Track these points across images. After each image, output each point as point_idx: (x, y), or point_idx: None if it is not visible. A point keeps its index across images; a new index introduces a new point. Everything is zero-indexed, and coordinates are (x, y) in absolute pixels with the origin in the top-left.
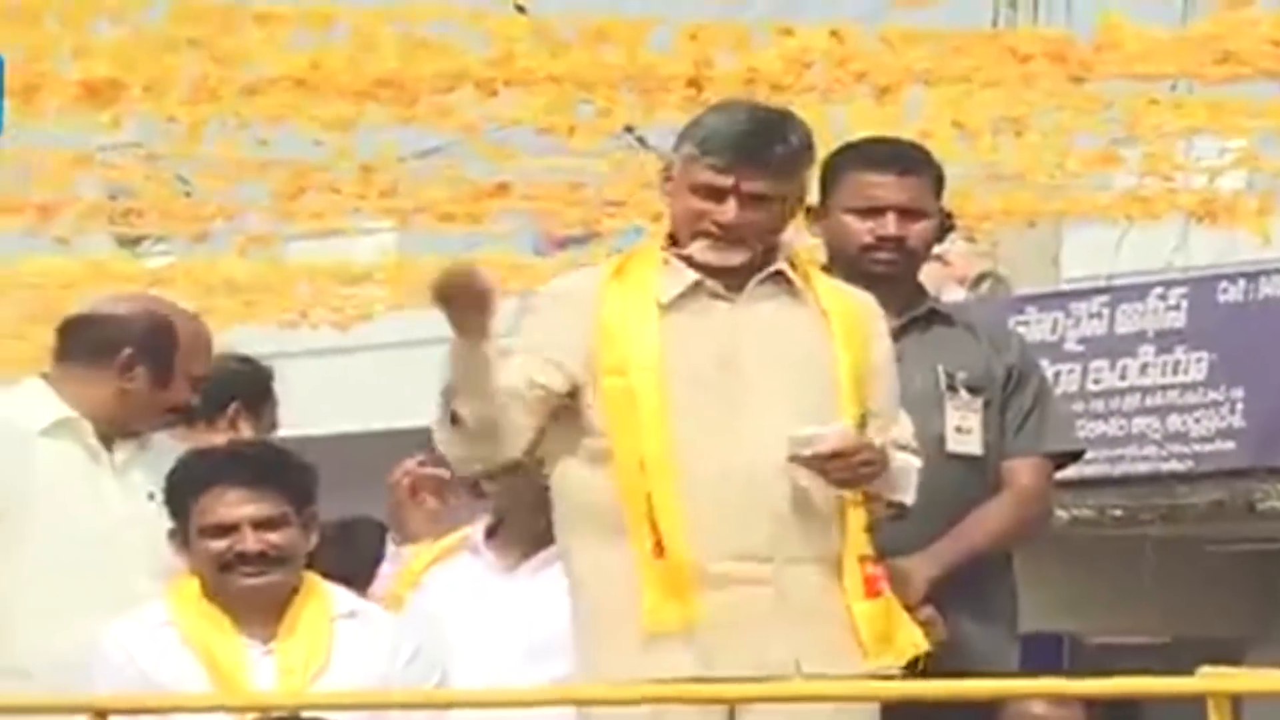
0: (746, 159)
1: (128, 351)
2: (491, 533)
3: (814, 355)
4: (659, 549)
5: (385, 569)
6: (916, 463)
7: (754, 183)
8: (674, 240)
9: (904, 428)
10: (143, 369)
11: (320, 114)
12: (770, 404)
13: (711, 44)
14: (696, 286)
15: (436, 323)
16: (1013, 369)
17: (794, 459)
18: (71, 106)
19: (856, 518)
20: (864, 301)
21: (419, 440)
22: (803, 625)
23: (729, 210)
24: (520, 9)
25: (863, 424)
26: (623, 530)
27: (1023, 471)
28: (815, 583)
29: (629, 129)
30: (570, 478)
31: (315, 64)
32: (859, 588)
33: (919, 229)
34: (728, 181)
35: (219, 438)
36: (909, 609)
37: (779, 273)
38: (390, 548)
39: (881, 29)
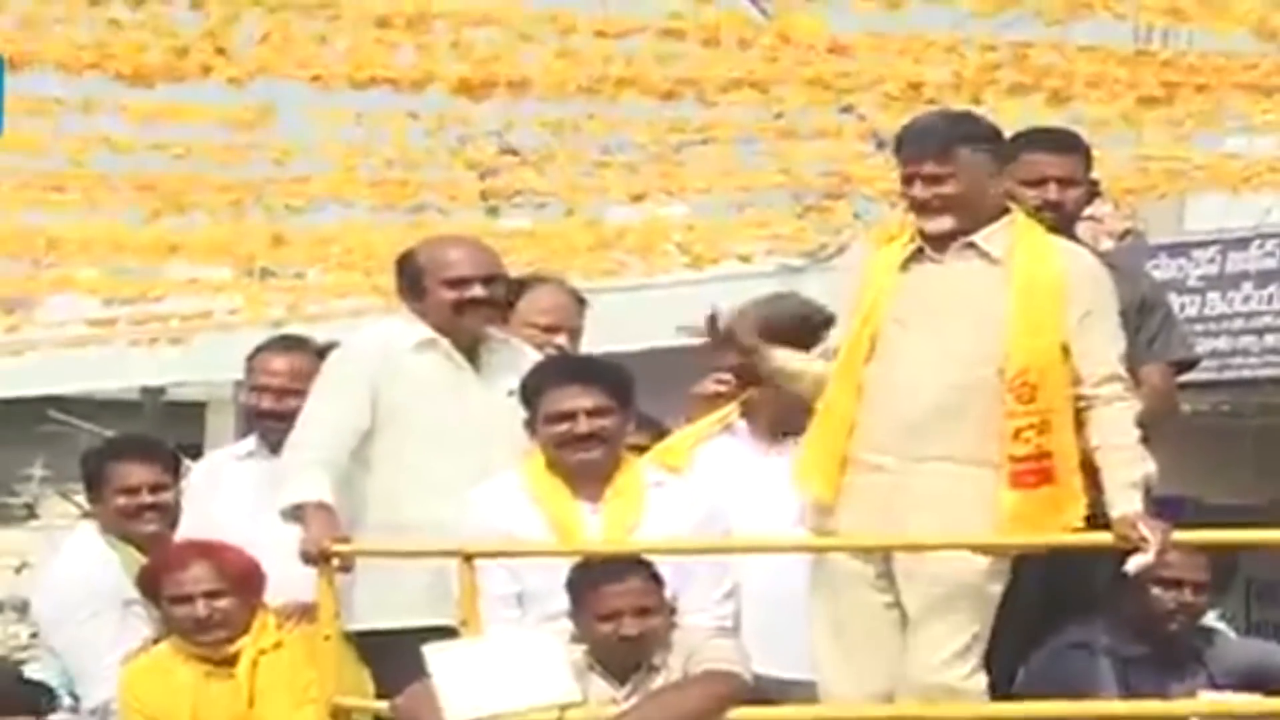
0: (911, 150)
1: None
2: (745, 415)
3: (990, 305)
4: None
5: None
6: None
7: (919, 166)
8: None
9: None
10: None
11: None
12: (928, 345)
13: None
14: (919, 252)
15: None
16: (1145, 298)
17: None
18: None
19: (1006, 429)
20: (1073, 270)
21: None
22: (933, 508)
23: (915, 189)
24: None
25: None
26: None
27: (1154, 374)
28: (951, 473)
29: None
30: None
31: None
32: (1004, 480)
33: (1073, 195)
34: (908, 170)
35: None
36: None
37: (973, 241)
38: None
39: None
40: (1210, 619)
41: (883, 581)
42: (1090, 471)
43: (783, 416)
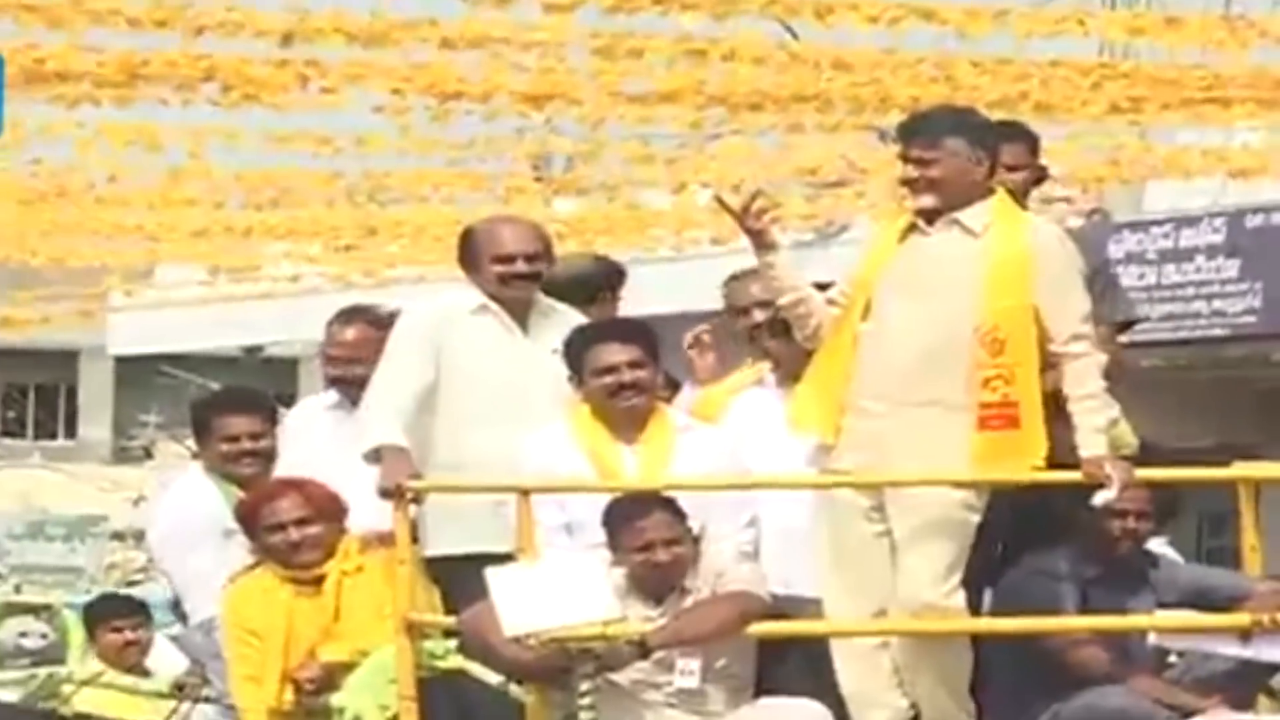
0: (905, 136)
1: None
2: (774, 368)
3: (970, 270)
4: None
5: (683, 398)
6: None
7: (909, 150)
8: None
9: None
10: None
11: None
12: (916, 306)
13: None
14: (912, 228)
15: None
16: (1095, 268)
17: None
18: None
19: (977, 378)
20: (1040, 242)
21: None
22: (921, 448)
23: (907, 170)
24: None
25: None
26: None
27: (1100, 333)
28: (936, 417)
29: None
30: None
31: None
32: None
33: (1018, 177)
34: (901, 152)
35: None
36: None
37: (956, 218)
38: (686, 387)
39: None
40: (1161, 546)
41: (876, 513)
42: (1050, 418)
43: (803, 369)
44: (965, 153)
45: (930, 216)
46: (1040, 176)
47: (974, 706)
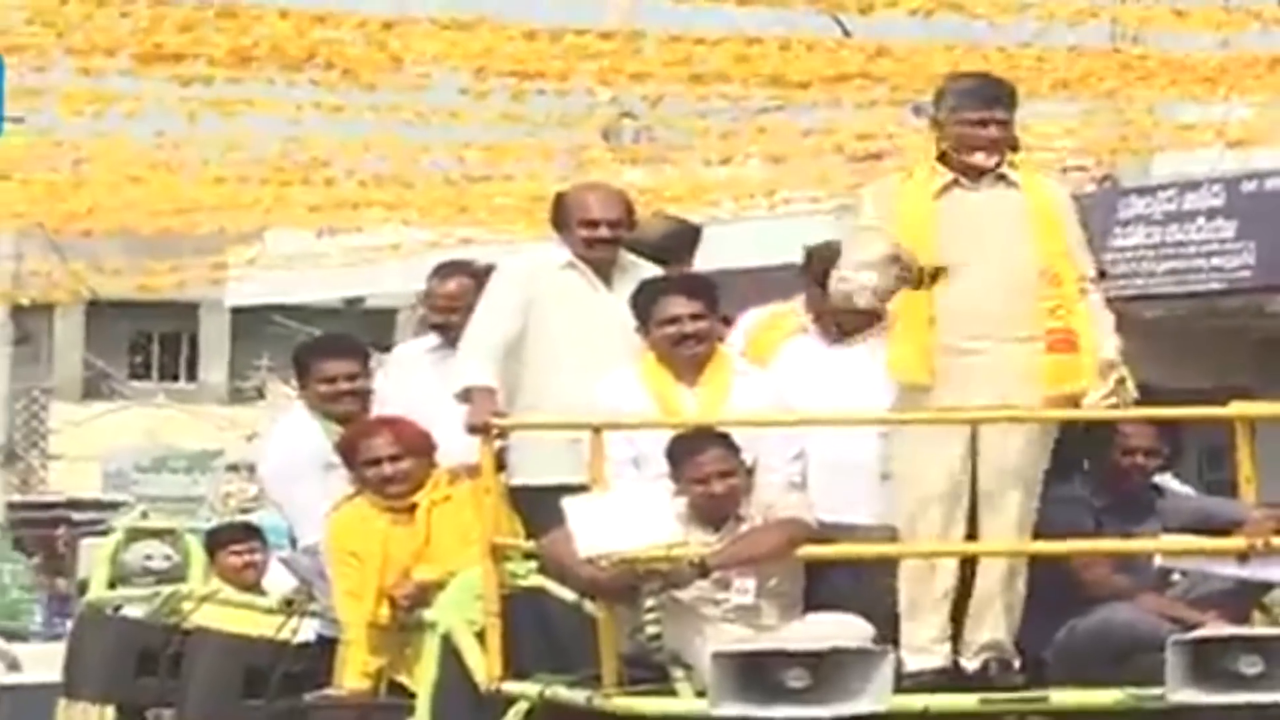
0: (990, 99)
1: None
2: (815, 319)
3: (1024, 216)
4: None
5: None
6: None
7: (993, 112)
8: (941, 159)
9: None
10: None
11: None
12: (992, 252)
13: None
14: (953, 183)
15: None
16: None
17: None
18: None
19: (1041, 312)
20: (1061, 194)
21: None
22: (1027, 377)
23: (990, 130)
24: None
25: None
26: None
27: None
28: (1021, 351)
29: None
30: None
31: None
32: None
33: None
34: (984, 114)
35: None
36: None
37: (1003, 173)
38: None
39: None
40: (1167, 479)
41: (963, 449)
42: None
43: (840, 318)
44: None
45: (977, 173)
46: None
47: None
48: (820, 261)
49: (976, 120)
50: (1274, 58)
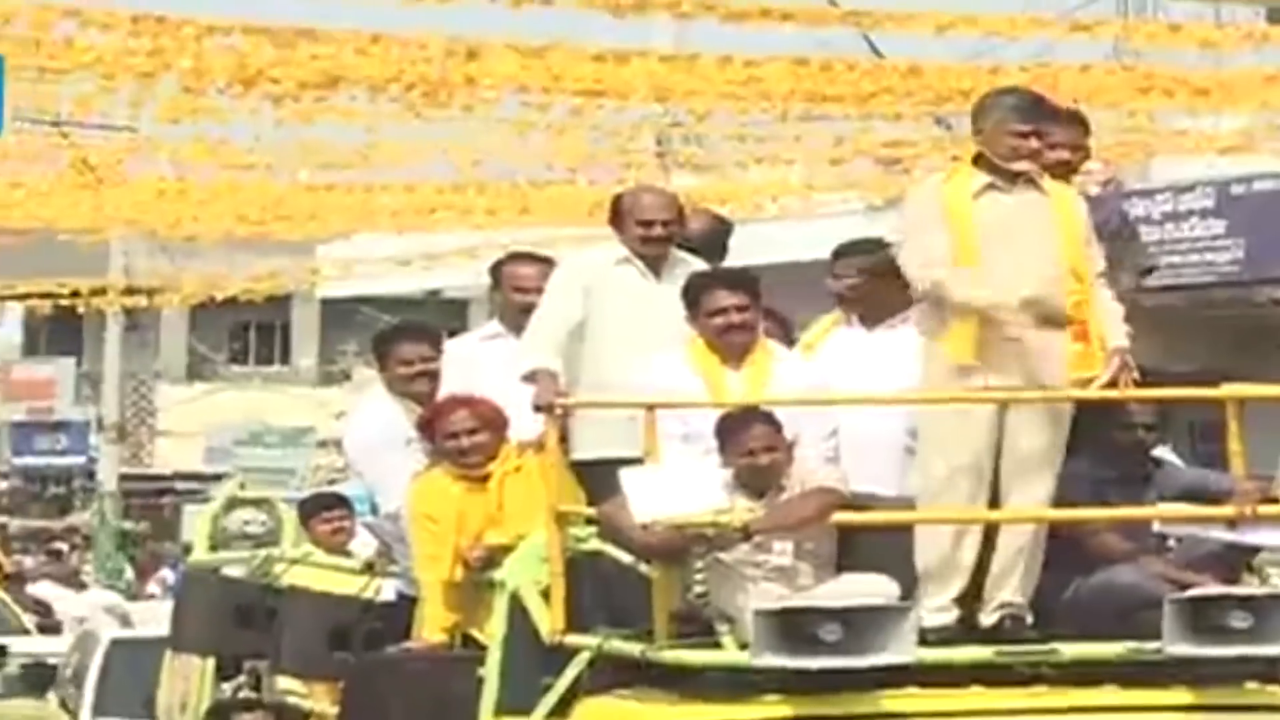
0: (1042, 115)
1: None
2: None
3: (1051, 219)
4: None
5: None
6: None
7: (1040, 125)
8: (975, 162)
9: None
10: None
11: None
12: (1028, 249)
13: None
14: (989, 186)
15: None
16: (1118, 228)
17: None
18: None
19: (1069, 301)
20: (1079, 201)
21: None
22: (1059, 360)
23: (1033, 142)
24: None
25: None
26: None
27: None
28: (1057, 337)
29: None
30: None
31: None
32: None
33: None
34: (1035, 126)
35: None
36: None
37: (1032, 178)
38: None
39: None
40: (1163, 452)
41: (990, 425)
42: None
43: (873, 309)
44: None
45: (1012, 178)
46: (1085, 156)
47: None
48: (841, 257)
49: (1022, 133)
50: (1262, 73)
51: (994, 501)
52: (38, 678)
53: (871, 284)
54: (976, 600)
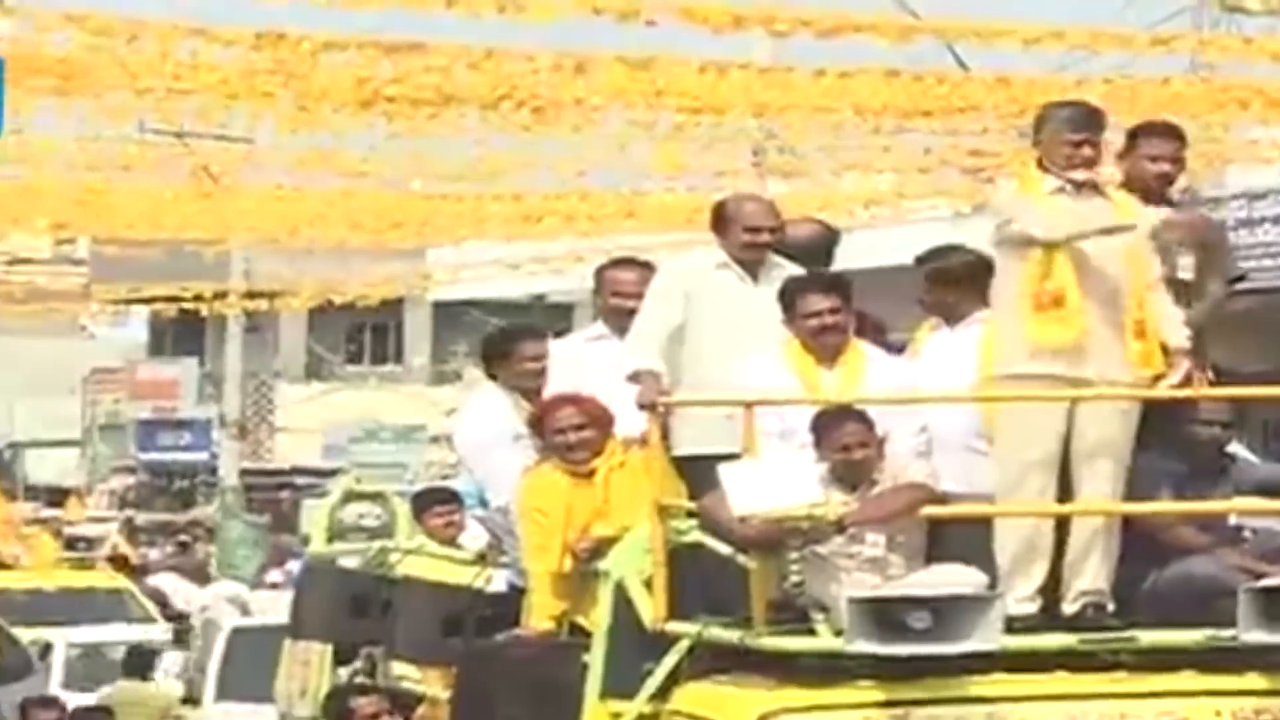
0: (1089, 125)
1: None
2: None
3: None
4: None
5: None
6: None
7: (1091, 135)
8: (1040, 166)
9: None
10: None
11: None
12: (1095, 246)
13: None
14: (1059, 189)
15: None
16: (1206, 237)
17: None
18: None
19: (1131, 305)
20: (1138, 203)
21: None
22: (1100, 355)
23: (1085, 151)
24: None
25: None
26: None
27: None
28: (1114, 334)
29: None
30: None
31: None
32: (1132, 335)
33: (1163, 168)
34: (1085, 136)
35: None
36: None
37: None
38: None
39: None
40: (1237, 448)
41: (1067, 413)
42: None
43: (943, 311)
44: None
45: (1078, 184)
46: (1182, 168)
47: None
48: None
49: (1075, 142)
50: None
51: (1065, 490)
52: (139, 662)
53: (942, 289)
54: (1057, 590)
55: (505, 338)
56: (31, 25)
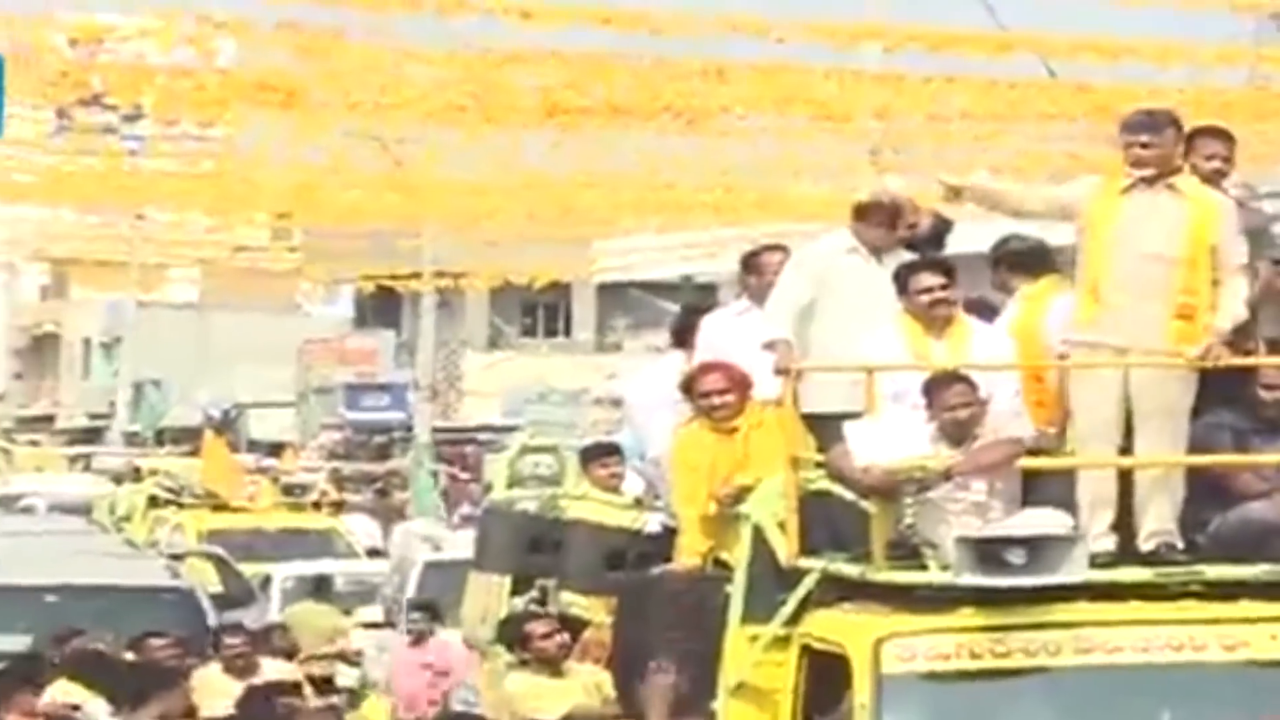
0: (1137, 126)
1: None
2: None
3: (1177, 218)
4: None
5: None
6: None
7: (1138, 136)
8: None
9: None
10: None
11: None
12: (1153, 238)
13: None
14: (1132, 185)
15: None
16: (1260, 224)
17: None
18: None
19: (1176, 288)
20: (1221, 204)
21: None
22: (1136, 328)
23: (1135, 150)
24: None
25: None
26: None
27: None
28: (1158, 313)
29: None
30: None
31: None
32: (1174, 316)
33: (1214, 165)
34: (1134, 136)
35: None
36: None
37: (1170, 182)
38: None
39: None
40: None
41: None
42: None
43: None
44: (1171, 140)
45: (1149, 182)
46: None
47: None
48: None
49: (1130, 142)
50: None
51: (1128, 442)
52: (317, 586)
53: (1007, 272)
54: (1130, 530)
55: (684, 316)
56: (254, 41)
